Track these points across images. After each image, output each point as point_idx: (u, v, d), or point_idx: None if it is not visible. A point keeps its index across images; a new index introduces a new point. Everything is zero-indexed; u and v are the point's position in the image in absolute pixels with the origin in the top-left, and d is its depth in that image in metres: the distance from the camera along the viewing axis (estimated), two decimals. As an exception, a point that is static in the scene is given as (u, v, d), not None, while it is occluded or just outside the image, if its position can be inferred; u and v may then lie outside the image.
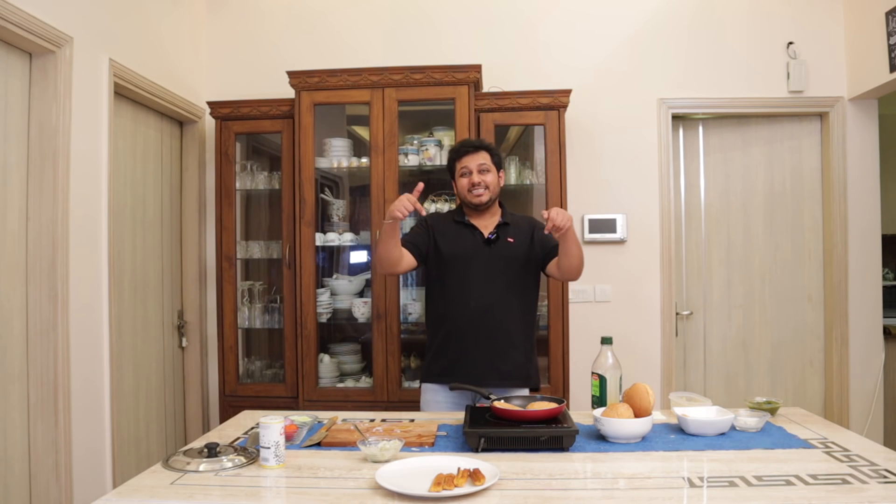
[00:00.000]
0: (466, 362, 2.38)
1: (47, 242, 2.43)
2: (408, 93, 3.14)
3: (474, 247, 2.42)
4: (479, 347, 2.38)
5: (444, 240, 2.45)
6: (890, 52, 3.15)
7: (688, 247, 3.72)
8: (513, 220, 2.50)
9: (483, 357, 2.37)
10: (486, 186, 2.40)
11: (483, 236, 2.43)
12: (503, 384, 2.35)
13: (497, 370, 2.38)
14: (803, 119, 3.67)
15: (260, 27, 3.72)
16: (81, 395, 2.58)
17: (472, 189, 2.40)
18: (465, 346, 2.38)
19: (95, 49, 2.71)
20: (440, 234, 2.47)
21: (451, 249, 2.43)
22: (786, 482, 1.52)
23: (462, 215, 2.49)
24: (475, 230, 2.45)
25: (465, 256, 2.41)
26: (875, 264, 3.57)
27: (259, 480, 1.61)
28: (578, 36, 3.62)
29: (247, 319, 3.40)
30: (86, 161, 2.65)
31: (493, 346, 2.38)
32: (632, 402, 1.92)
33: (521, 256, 2.44)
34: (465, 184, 2.42)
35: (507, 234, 2.45)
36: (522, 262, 2.45)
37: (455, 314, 2.40)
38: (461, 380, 2.30)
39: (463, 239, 2.44)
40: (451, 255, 2.43)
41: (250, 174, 3.42)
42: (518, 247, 2.44)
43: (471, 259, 2.41)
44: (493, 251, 2.42)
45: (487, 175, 2.41)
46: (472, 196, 2.41)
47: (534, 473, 1.61)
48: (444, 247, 2.44)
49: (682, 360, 3.69)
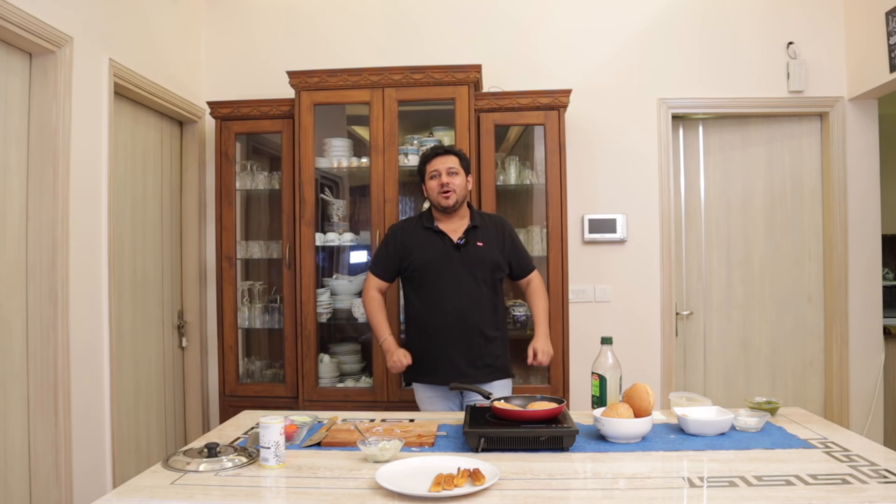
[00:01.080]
0: (446, 363, 2.49)
1: (47, 242, 2.43)
2: (408, 93, 3.14)
3: (445, 253, 2.50)
4: (458, 348, 2.48)
5: (413, 249, 2.54)
6: (890, 52, 3.15)
7: (688, 247, 3.71)
8: (482, 222, 2.57)
9: (462, 356, 2.48)
10: (454, 189, 2.48)
11: (452, 242, 2.50)
12: (484, 379, 2.47)
13: (475, 366, 2.48)
14: (803, 119, 3.67)
15: (260, 27, 3.72)
16: (81, 395, 2.58)
17: (441, 191, 2.48)
18: (444, 348, 2.49)
19: (95, 49, 2.71)
20: (409, 244, 2.56)
21: (421, 258, 2.52)
22: (786, 482, 1.52)
23: (431, 220, 2.56)
24: (444, 236, 2.52)
25: (436, 264, 2.50)
26: (875, 264, 3.56)
27: (259, 480, 1.61)
28: (578, 36, 3.62)
29: (247, 319, 3.40)
30: (86, 161, 2.65)
31: (470, 346, 2.49)
32: (632, 402, 1.92)
33: (490, 259, 2.52)
34: (434, 185, 2.50)
35: (476, 238, 2.53)
36: (492, 265, 2.53)
37: (431, 319, 2.51)
38: (444, 379, 2.44)
39: (432, 246, 2.52)
40: (422, 264, 2.52)
41: (250, 174, 3.42)
42: (488, 250, 2.52)
43: (442, 266, 2.49)
44: (463, 256, 2.50)
45: (455, 178, 2.49)
46: (440, 198, 2.48)
47: (534, 473, 1.61)
48: (415, 256, 2.53)
49: (682, 360, 3.69)
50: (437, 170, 2.49)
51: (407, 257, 2.54)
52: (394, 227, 2.67)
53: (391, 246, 2.60)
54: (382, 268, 2.60)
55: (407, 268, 2.55)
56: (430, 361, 2.52)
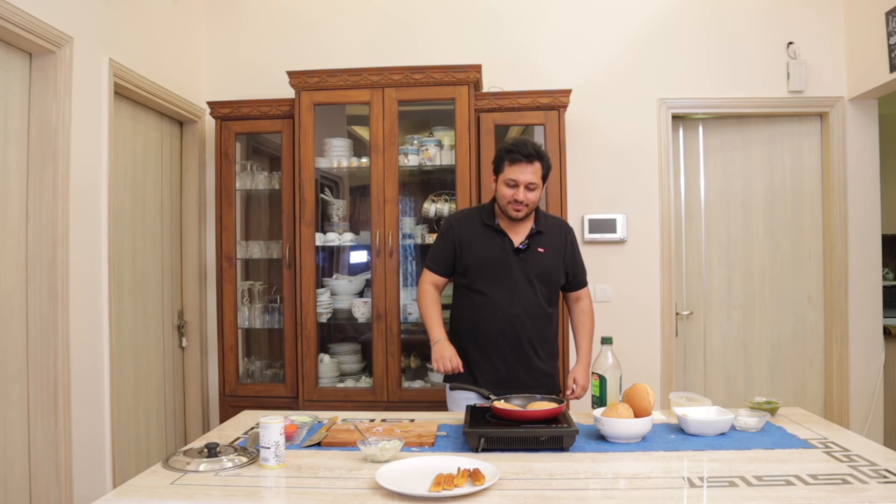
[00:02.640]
0: (490, 371, 2.35)
1: (47, 242, 2.43)
2: (408, 93, 3.14)
3: (503, 255, 2.34)
4: (504, 357, 2.34)
5: (472, 247, 2.38)
6: (890, 52, 3.15)
7: (688, 247, 3.72)
8: (546, 226, 2.41)
9: (507, 367, 2.34)
10: (527, 205, 2.29)
11: (513, 245, 2.35)
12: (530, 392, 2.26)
13: (519, 380, 2.33)
14: (803, 119, 3.67)
15: (260, 27, 3.72)
16: (81, 395, 2.58)
17: (513, 204, 2.29)
18: (490, 355, 2.35)
19: (95, 49, 2.71)
20: (468, 241, 2.39)
21: (479, 257, 2.36)
22: (786, 482, 1.52)
23: (493, 217, 2.39)
24: (505, 237, 2.36)
25: (494, 265, 2.33)
26: (875, 264, 3.56)
27: (259, 480, 1.61)
28: (578, 36, 3.62)
29: (247, 319, 3.40)
30: (86, 161, 2.65)
31: (517, 356, 2.34)
32: (632, 402, 1.92)
33: (550, 267, 2.38)
34: (507, 194, 2.28)
35: (538, 244, 2.37)
36: (550, 273, 2.39)
37: (483, 322, 2.34)
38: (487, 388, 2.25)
39: (492, 246, 2.35)
40: (479, 263, 2.36)
41: (250, 174, 3.42)
42: (548, 258, 2.38)
43: (499, 268, 2.33)
44: (523, 260, 2.34)
45: (532, 194, 2.28)
46: (510, 208, 2.30)
47: (534, 473, 1.61)
48: (472, 254, 2.37)
49: (682, 360, 3.69)
50: (516, 180, 2.25)
51: (462, 252, 2.38)
52: (450, 219, 2.48)
53: (447, 238, 2.42)
54: (436, 262, 2.42)
55: (462, 263, 2.38)
56: (476, 368, 2.36)
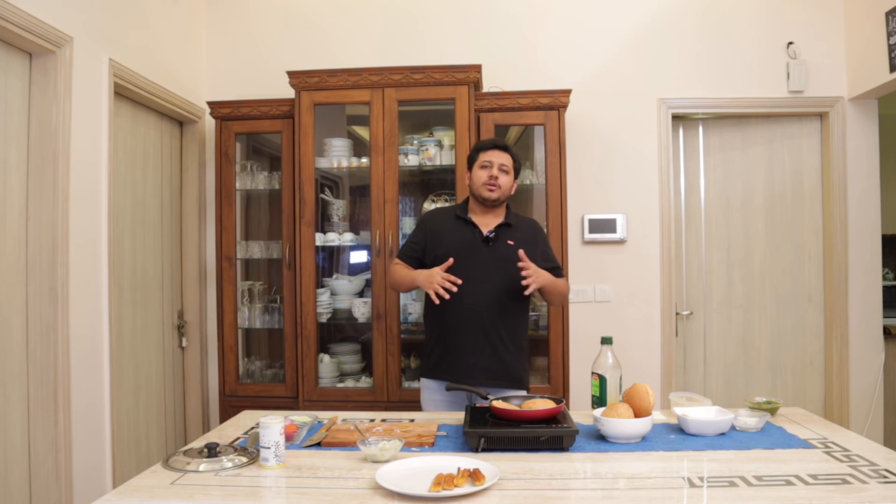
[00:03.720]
0: (457, 359, 2.40)
1: (47, 242, 2.43)
2: (408, 93, 3.14)
3: (472, 244, 2.43)
4: (470, 345, 2.39)
5: (442, 237, 2.47)
6: (890, 52, 3.15)
7: (688, 247, 3.71)
8: (516, 222, 2.51)
9: (473, 355, 2.39)
10: (500, 185, 2.42)
11: (482, 234, 2.45)
12: (493, 384, 2.35)
13: (486, 369, 2.38)
14: (803, 119, 3.67)
15: (260, 27, 3.72)
16: (81, 395, 2.58)
17: (487, 182, 2.42)
18: (457, 343, 2.40)
19: (95, 49, 2.71)
20: (438, 231, 2.50)
21: (448, 246, 2.43)
22: (786, 482, 1.52)
23: (465, 211, 2.50)
24: (475, 228, 2.46)
25: (462, 254, 2.39)
26: (875, 264, 3.57)
27: (259, 480, 1.61)
28: (578, 36, 3.62)
29: (247, 319, 3.40)
30: (86, 161, 2.65)
31: (483, 345, 2.39)
32: (632, 402, 1.92)
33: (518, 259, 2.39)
34: (482, 175, 2.43)
35: (507, 236, 2.45)
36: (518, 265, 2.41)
37: (449, 311, 2.39)
38: (452, 377, 2.34)
39: (461, 236, 2.45)
40: (448, 252, 2.40)
41: (250, 174, 3.42)
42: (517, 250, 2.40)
43: (467, 256, 2.39)
44: (491, 250, 2.43)
45: (505, 176, 2.44)
46: (484, 189, 2.43)
47: (534, 473, 1.61)
48: (443, 244, 2.45)
49: (682, 360, 3.69)
50: (490, 161, 2.43)
51: (433, 243, 2.48)
52: (425, 214, 2.64)
53: (420, 231, 2.55)
54: (408, 254, 2.53)
55: (432, 254, 2.47)
56: (445, 357, 2.43)
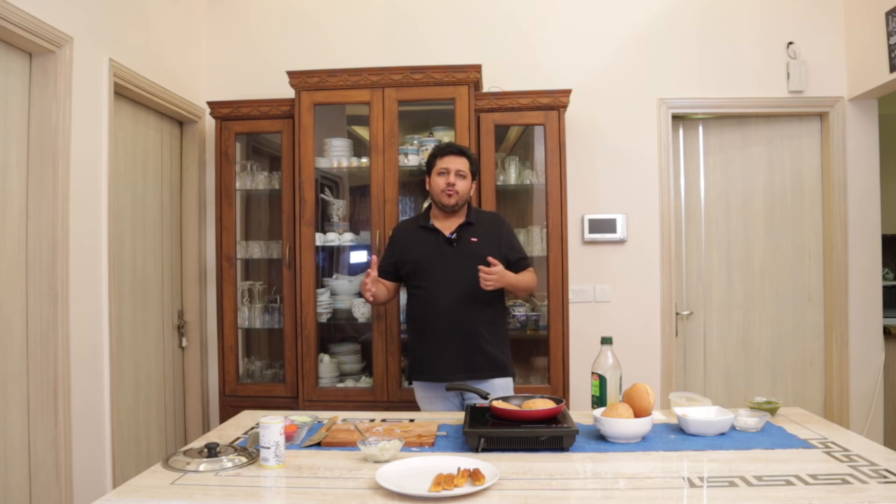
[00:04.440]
0: (442, 359, 2.49)
1: (47, 242, 2.43)
2: (408, 93, 3.14)
3: (436, 249, 2.54)
4: (452, 344, 2.49)
5: (409, 247, 2.59)
6: (890, 52, 3.15)
7: (688, 247, 3.71)
8: (478, 218, 2.61)
9: (456, 352, 2.49)
10: (457, 190, 2.52)
11: (444, 237, 2.54)
12: (478, 375, 2.47)
13: (471, 363, 2.49)
14: (803, 119, 3.67)
15: (260, 27, 3.72)
16: (81, 395, 2.58)
17: (445, 189, 2.51)
18: (439, 344, 2.49)
19: (95, 49, 2.71)
20: (405, 242, 2.62)
21: (415, 255, 2.56)
22: (786, 482, 1.52)
23: (427, 219, 2.60)
24: (437, 233, 2.55)
25: (428, 259, 2.53)
26: (875, 264, 3.56)
27: (259, 480, 1.61)
28: (578, 36, 3.62)
29: (247, 319, 3.40)
30: (86, 161, 2.65)
31: (464, 342, 2.49)
32: (632, 402, 1.92)
33: (484, 255, 2.45)
34: (440, 182, 2.53)
35: (469, 234, 2.55)
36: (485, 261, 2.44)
37: (426, 314, 2.53)
38: (438, 376, 2.47)
39: (426, 243, 2.56)
40: (415, 260, 2.55)
41: (250, 174, 3.42)
42: (481, 246, 2.52)
43: (434, 261, 2.52)
44: (456, 251, 2.52)
45: (462, 181, 2.53)
46: (443, 195, 2.52)
47: (534, 473, 1.61)
48: (410, 253, 2.58)
49: (682, 360, 3.69)
50: (446, 168, 2.52)
51: (403, 255, 2.59)
52: (395, 228, 2.76)
53: (390, 246, 2.68)
54: (387, 268, 2.63)
55: (403, 266, 2.59)
56: (427, 359, 2.53)
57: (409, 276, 2.60)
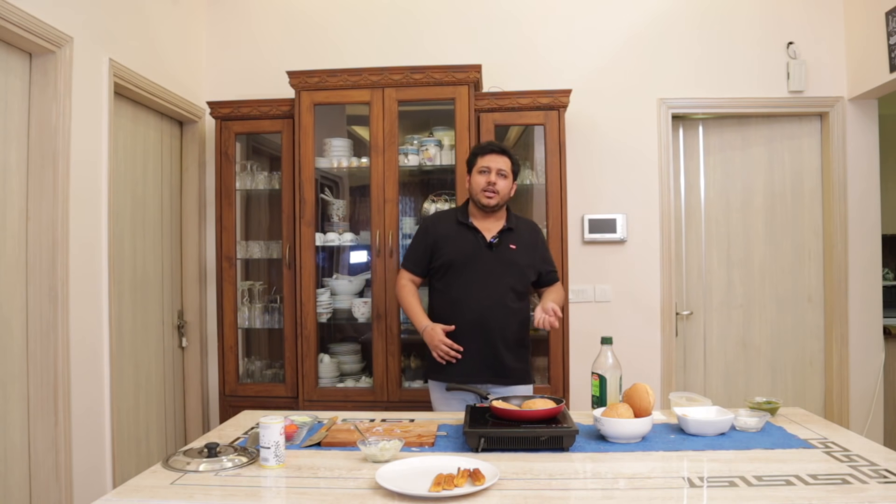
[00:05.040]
0: (463, 362, 2.42)
1: (47, 242, 2.43)
2: (408, 93, 3.14)
3: (475, 250, 2.45)
4: (476, 348, 2.43)
5: (445, 243, 2.49)
6: (890, 52, 3.15)
7: (688, 247, 3.71)
8: (517, 225, 2.53)
9: (479, 357, 2.43)
10: (497, 191, 2.44)
11: (485, 240, 2.46)
12: (499, 381, 2.43)
13: (492, 369, 2.44)
14: (803, 119, 3.67)
15: (260, 27, 3.72)
16: (81, 395, 2.58)
17: (486, 189, 2.43)
18: (462, 346, 2.42)
19: (95, 49, 2.71)
20: (443, 236, 2.51)
21: (452, 253, 2.47)
22: (786, 482, 1.52)
23: (466, 216, 2.52)
24: (477, 233, 2.47)
25: (466, 260, 2.44)
26: (875, 264, 3.56)
27: (259, 480, 1.61)
28: (578, 36, 3.62)
29: (247, 319, 3.40)
30: (86, 161, 2.65)
31: (489, 347, 2.44)
32: (632, 402, 1.92)
33: (521, 262, 2.46)
34: (480, 181, 2.45)
35: (509, 240, 2.48)
36: (521, 269, 2.48)
37: (452, 316, 2.44)
38: (458, 378, 2.38)
39: (464, 242, 2.47)
40: (452, 259, 2.46)
41: (250, 174, 3.41)
42: (519, 254, 2.48)
43: (471, 263, 2.44)
44: (494, 256, 2.45)
45: (503, 181, 2.45)
46: (482, 195, 2.44)
47: (534, 473, 1.61)
48: (446, 250, 2.48)
49: (682, 360, 3.69)
50: (488, 166, 2.45)
51: (437, 250, 2.50)
52: (427, 220, 2.65)
53: (422, 239, 2.56)
54: (413, 261, 2.54)
55: (436, 261, 2.50)
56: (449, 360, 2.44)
57: (438, 272, 2.50)
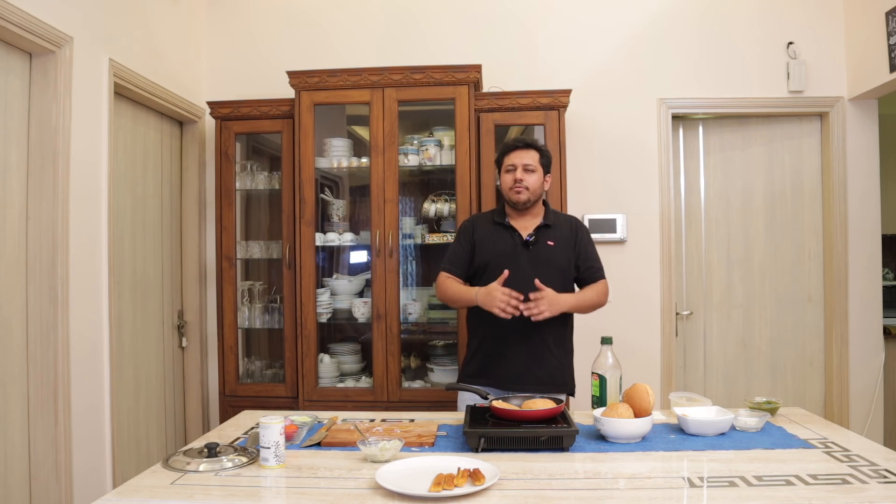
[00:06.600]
0: (501, 366, 2.37)
1: (47, 242, 2.43)
2: (408, 93, 3.14)
3: (513, 249, 2.40)
4: (515, 351, 2.36)
5: (483, 243, 2.45)
6: (890, 52, 3.15)
7: (688, 247, 3.71)
8: (555, 221, 2.47)
9: (518, 361, 2.37)
10: (527, 186, 2.38)
11: (521, 238, 2.41)
12: (538, 389, 2.30)
13: (531, 374, 2.37)
14: (803, 119, 3.67)
15: (260, 27, 3.72)
16: (81, 395, 2.58)
17: (514, 186, 2.39)
18: (502, 350, 2.37)
19: (95, 49, 2.71)
20: (480, 238, 2.47)
21: (490, 253, 2.42)
22: (786, 482, 1.52)
23: (503, 216, 2.47)
24: (514, 232, 2.43)
25: (504, 259, 2.37)
26: (875, 264, 3.56)
27: (259, 480, 1.61)
28: (578, 36, 3.62)
29: (247, 319, 3.40)
30: (86, 161, 2.65)
31: (528, 351, 2.37)
32: (632, 402, 1.92)
33: (560, 260, 2.41)
34: (508, 180, 2.41)
35: (547, 237, 2.42)
36: (561, 266, 2.42)
37: (490, 318, 2.31)
38: (495, 383, 2.32)
39: (502, 241, 2.42)
40: (489, 259, 2.41)
41: (250, 174, 3.42)
42: (558, 251, 2.42)
43: (507, 262, 2.35)
44: (532, 254, 2.40)
45: (531, 175, 2.39)
46: (512, 193, 2.40)
47: (534, 473, 1.61)
48: (484, 250, 2.43)
49: (682, 360, 3.69)
50: (513, 164, 2.40)
51: (477, 251, 2.45)
52: (466, 222, 2.57)
53: (463, 241, 2.50)
54: (455, 263, 2.46)
55: (476, 259, 2.45)
56: (481, 362, 2.41)
57: (476, 274, 2.44)
